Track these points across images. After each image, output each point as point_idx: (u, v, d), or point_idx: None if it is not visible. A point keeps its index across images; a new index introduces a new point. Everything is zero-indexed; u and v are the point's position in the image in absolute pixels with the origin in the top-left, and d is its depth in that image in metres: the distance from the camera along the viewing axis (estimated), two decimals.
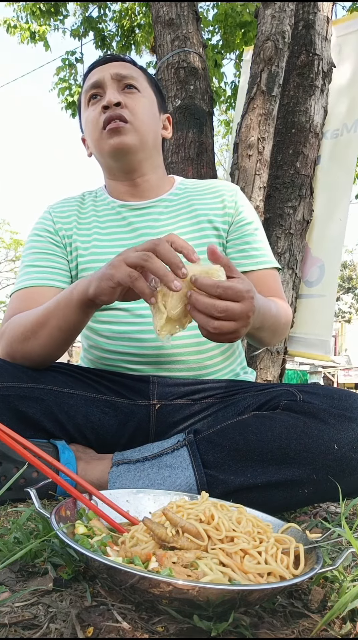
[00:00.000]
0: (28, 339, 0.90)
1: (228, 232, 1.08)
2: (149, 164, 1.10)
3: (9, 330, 0.94)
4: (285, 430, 0.75)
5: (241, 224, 1.08)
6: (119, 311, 1.00)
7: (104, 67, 1.08)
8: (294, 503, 0.79)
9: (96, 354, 1.04)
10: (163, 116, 1.15)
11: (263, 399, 0.87)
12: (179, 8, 2.25)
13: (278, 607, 0.49)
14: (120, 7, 4.54)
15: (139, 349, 0.98)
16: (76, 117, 4.78)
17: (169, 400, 0.98)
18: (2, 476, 0.79)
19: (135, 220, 1.08)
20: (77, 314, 0.84)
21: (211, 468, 0.77)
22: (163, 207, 1.09)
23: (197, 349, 0.99)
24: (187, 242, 0.74)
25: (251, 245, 1.07)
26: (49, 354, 0.91)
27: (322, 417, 0.75)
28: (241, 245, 1.07)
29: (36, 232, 1.08)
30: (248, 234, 1.08)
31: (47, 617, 0.43)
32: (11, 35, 4.48)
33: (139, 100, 1.06)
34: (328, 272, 2.00)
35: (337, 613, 0.45)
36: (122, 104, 1.03)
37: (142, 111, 1.05)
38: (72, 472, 0.61)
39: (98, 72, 1.07)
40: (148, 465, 0.81)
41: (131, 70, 1.08)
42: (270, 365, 1.88)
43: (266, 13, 2.03)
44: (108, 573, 0.45)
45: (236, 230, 1.08)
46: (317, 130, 2.04)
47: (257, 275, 1.05)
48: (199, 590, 0.40)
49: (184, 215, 1.08)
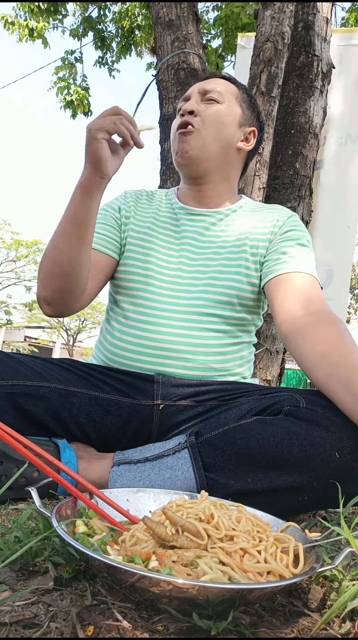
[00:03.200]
0: (49, 252, 0.97)
1: (267, 249, 1.06)
2: (217, 174, 1.13)
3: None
4: (287, 436, 0.75)
5: (282, 239, 1.06)
6: (137, 299, 1.05)
7: (199, 83, 1.16)
8: (293, 509, 0.79)
9: (107, 344, 1.07)
10: (247, 129, 1.16)
11: (265, 403, 0.86)
12: (179, 9, 2.25)
13: (277, 606, 0.49)
14: (120, 8, 4.54)
15: (147, 340, 1.00)
16: (76, 117, 4.79)
17: (172, 401, 0.98)
18: (3, 475, 0.79)
19: (186, 224, 1.13)
20: (82, 200, 0.93)
21: (212, 471, 0.77)
22: (216, 219, 1.12)
23: (204, 349, 1.00)
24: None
25: (288, 255, 1.03)
26: (69, 258, 0.95)
27: (324, 425, 0.75)
28: (277, 254, 1.04)
29: (105, 207, 1.18)
30: (288, 247, 1.05)
31: (48, 616, 0.43)
32: (9, 33, 4.48)
33: (212, 108, 1.10)
34: (338, 277, 2.02)
35: (336, 612, 0.46)
36: (196, 112, 1.09)
37: (212, 119, 1.09)
38: (73, 471, 0.61)
39: (192, 88, 1.16)
40: (149, 465, 0.81)
41: (217, 85, 1.14)
42: (269, 365, 1.88)
43: (266, 14, 2.04)
44: (108, 572, 0.45)
45: (276, 244, 1.06)
46: (316, 131, 2.04)
47: (284, 278, 1.00)
48: (199, 589, 0.40)
49: (231, 234, 1.10)
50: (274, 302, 1.00)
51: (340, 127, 2.13)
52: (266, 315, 1.89)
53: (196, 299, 1.03)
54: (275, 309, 0.99)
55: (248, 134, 1.16)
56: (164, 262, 1.09)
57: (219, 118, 1.09)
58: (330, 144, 2.13)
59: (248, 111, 1.17)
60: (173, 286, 1.05)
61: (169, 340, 0.99)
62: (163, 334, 1.00)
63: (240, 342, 1.07)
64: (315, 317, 0.91)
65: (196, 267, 1.07)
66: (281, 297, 0.98)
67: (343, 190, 2.09)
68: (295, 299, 0.96)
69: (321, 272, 2.05)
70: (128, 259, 1.10)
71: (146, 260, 1.09)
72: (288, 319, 0.94)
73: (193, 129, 1.08)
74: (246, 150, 1.17)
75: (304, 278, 1.00)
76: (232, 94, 1.14)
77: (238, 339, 1.06)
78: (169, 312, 1.02)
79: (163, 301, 1.03)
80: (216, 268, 1.06)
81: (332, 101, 2.11)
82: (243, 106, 1.15)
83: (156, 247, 1.10)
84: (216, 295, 1.03)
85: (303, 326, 0.90)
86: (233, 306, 1.04)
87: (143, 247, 1.11)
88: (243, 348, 1.08)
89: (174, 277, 1.07)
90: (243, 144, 1.15)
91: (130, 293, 1.07)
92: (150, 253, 1.10)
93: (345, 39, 2.20)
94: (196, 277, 1.06)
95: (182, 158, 1.09)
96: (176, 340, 0.99)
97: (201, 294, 1.03)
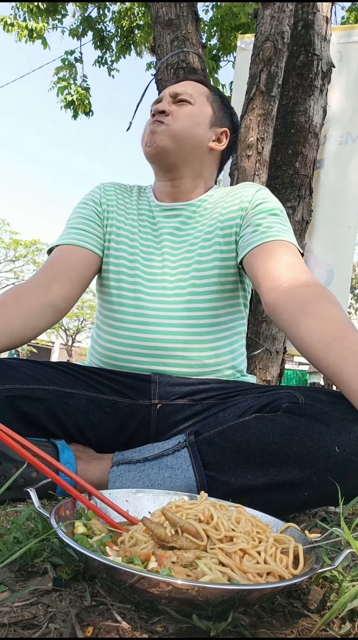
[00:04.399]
0: None
1: (240, 226, 1.06)
2: (188, 169, 1.13)
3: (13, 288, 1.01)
4: (286, 432, 0.75)
5: (255, 212, 1.05)
6: (127, 299, 1.05)
7: (171, 86, 1.18)
8: (294, 506, 0.79)
9: (100, 348, 1.07)
10: (219, 129, 1.17)
11: (264, 401, 0.86)
12: (178, 8, 2.25)
13: (277, 607, 0.49)
14: (119, 8, 4.53)
15: (140, 340, 1.01)
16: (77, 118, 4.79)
17: (170, 400, 0.98)
18: (2, 476, 0.79)
19: (162, 221, 1.13)
20: None
21: (212, 469, 0.77)
22: (190, 212, 1.13)
23: (197, 346, 1.01)
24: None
25: (263, 226, 1.01)
26: None
27: (323, 420, 0.75)
28: (252, 227, 1.02)
29: (84, 201, 1.17)
30: (262, 218, 1.02)
31: (47, 617, 0.43)
32: (8, 33, 4.47)
33: (183, 108, 1.12)
34: (338, 277, 2.02)
35: (336, 613, 0.45)
36: (167, 111, 1.10)
37: (183, 118, 1.10)
38: (71, 472, 0.61)
39: (164, 91, 1.18)
40: (148, 465, 0.81)
41: (189, 87, 1.16)
42: (269, 365, 1.88)
43: (266, 13, 2.03)
44: (108, 573, 0.45)
45: (249, 218, 1.04)
46: (316, 130, 2.04)
47: (264, 247, 0.97)
48: (198, 589, 0.40)
49: (204, 223, 1.10)
50: (256, 272, 0.96)
51: (340, 126, 2.13)
52: (266, 316, 1.89)
53: (185, 295, 1.04)
54: (259, 280, 0.95)
55: (220, 134, 1.17)
56: (149, 262, 1.09)
57: (190, 118, 1.11)
58: (330, 143, 2.13)
59: (220, 112, 1.17)
60: (162, 284, 1.06)
61: (161, 339, 1.00)
62: (155, 333, 1.00)
63: (232, 333, 1.07)
64: (314, 292, 0.87)
65: (179, 262, 1.08)
66: (264, 266, 0.95)
67: (343, 190, 2.08)
68: (280, 266, 0.93)
69: (321, 272, 2.05)
70: (114, 257, 1.10)
71: (133, 260, 1.09)
72: (278, 287, 0.90)
73: (163, 124, 1.09)
74: (218, 150, 1.17)
75: (284, 246, 0.97)
76: (203, 95, 1.16)
77: (230, 331, 1.06)
78: (160, 311, 1.03)
79: (153, 300, 1.04)
80: (196, 259, 1.06)
81: (332, 100, 2.11)
82: (215, 107, 1.17)
83: (139, 245, 1.11)
84: (203, 287, 1.04)
85: (303, 301, 0.85)
86: (221, 294, 1.04)
87: (129, 246, 1.11)
88: (235, 340, 1.08)
89: (161, 274, 1.07)
90: (215, 144, 1.16)
91: (119, 293, 1.07)
92: (136, 252, 1.10)
93: (344, 36, 2.20)
94: (182, 271, 1.07)
95: (150, 147, 1.10)
96: (169, 339, 1.00)
97: (189, 288, 1.04)
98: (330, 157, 2.10)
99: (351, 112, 2.10)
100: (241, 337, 1.11)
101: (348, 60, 2.15)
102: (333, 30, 2.16)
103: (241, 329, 1.11)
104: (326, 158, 2.10)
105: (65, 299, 1.02)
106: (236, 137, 1.23)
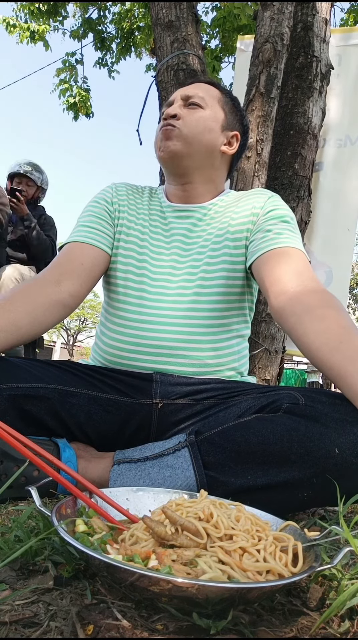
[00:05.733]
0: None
1: (251, 231, 1.07)
2: (200, 174, 1.14)
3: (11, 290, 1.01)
4: (287, 433, 0.75)
5: (266, 219, 1.06)
6: (132, 298, 1.06)
7: (181, 89, 1.18)
8: (293, 506, 0.79)
9: (104, 345, 1.08)
10: (230, 133, 1.17)
11: (265, 402, 0.87)
12: (178, 10, 2.26)
13: (276, 605, 0.49)
14: (119, 9, 4.55)
15: (143, 339, 1.01)
16: (78, 119, 4.80)
17: (171, 400, 0.98)
18: (3, 474, 0.79)
19: (174, 222, 1.14)
20: None
21: (212, 469, 0.77)
22: (201, 214, 1.13)
23: (199, 345, 1.01)
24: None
25: (273, 232, 1.02)
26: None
27: (323, 421, 0.75)
28: (262, 233, 1.03)
29: (96, 199, 1.17)
30: (273, 224, 1.04)
31: (48, 615, 0.43)
32: (10, 34, 4.48)
33: (195, 112, 1.11)
34: (337, 278, 2.03)
35: (335, 611, 0.46)
36: (179, 115, 1.10)
37: (195, 123, 1.10)
38: (72, 471, 0.61)
39: (175, 93, 1.17)
40: (149, 464, 0.81)
41: (200, 90, 1.15)
42: (268, 365, 1.88)
43: (265, 15, 2.04)
44: (108, 571, 0.45)
45: (260, 224, 1.06)
46: (315, 132, 2.04)
47: (273, 253, 0.99)
48: (198, 588, 0.41)
49: (214, 226, 1.11)
50: (265, 278, 0.98)
51: (339, 129, 2.13)
52: (266, 315, 1.89)
53: (190, 295, 1.04)
54: (267, 285, 0.97)
55: (231, 137, 1.17)
56: (157, 261, 1.10)
57: (202, 123, 1.10)
58: (329, 146, 2.14)
59: (231, 115, 1.17)
60: (166, 284, 1.06)
61: (163, 337, 1.00)
62: (157, 332, 1.01)
63: (235, 335, 1.07)
64: (321, 298, 0.89)
65: (187, 264, 1.08)
66: (272, 271, 0.97)
67: (342, 193, 2.09)
68: (288, 272, 0.95)
69: (320, 273, 2.06)
70: (123, 256, 1.11)
71: (141, 260, 1.10)
72: (285, 292, 0.92)
73: (176, 128, 1.09)
74: (230, 154, 1.18)
75: (294, 253, 0.99)
76: (215, 98, 1.15)
77: (232, 333, 1.07)
78: (164, 310, 1.03)
79: (156, 299, 1.04)
80: (205, 261, 1.07)
81: (331, 103, 2.12)
82: (226, 110, 1.16)
83: (149, 245, 1.11)
84: (208, 288, 1.04)
85: (309, 305, 0.87)
86: (226, 296, 1.05)
87: (138, 246, 1.11)
88: (237, 343, 1.08)
89: (167, 274, 1.08)
90: (227, 147, 1.16)
91: (126, 292, 1.08)
92: (145, 252, 1.11)
93: (343, 39, 2.20)
94: (190, 271, 1.07)
95: (164, 152, 1.10)
96: (171, 338, 1.00)
97: (195, 289, 1.05)
98: (329, 160, 2.11)
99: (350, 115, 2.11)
100: (243, 340, 1.11)
101: (347, 64, 2.16)
102: (332, 32, 2.17)
103: (244, 332, 1.12)
104: (325, 161, 2.11)
105: (74, 295, 1.03)
106: (246, 139, 1.23)
